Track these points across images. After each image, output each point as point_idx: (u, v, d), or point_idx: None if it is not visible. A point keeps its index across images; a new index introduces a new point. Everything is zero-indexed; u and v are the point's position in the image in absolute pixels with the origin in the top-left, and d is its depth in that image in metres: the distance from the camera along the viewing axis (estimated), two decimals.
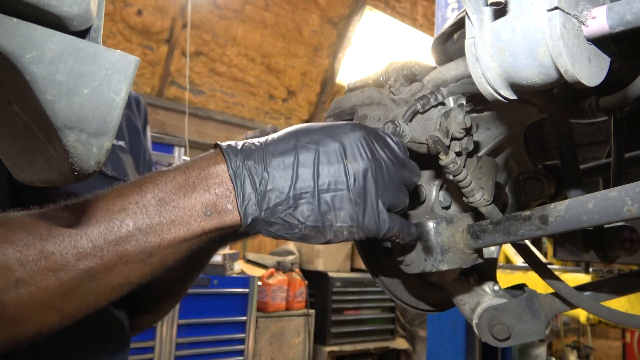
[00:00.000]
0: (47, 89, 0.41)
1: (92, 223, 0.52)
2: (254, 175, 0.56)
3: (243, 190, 0.56)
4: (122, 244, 0.52)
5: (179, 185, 0.56)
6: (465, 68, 0.67)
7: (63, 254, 0.50)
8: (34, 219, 0.51)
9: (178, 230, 0.54)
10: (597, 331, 5.77)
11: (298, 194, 0.57)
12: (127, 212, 0.53)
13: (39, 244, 0.49)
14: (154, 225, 0.54)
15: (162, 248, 0.54)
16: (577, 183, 0.73)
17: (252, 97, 5.46)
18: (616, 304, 1.73)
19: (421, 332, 5.32)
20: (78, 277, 0.51)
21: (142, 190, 0.55)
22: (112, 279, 0.53)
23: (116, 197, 0.54)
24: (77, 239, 0.51)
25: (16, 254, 0.48)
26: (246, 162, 0.56)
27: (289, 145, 0.58)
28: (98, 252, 0.51)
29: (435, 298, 0.94)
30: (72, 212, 0.52)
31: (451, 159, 0.63)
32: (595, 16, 0.45)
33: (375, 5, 5.67)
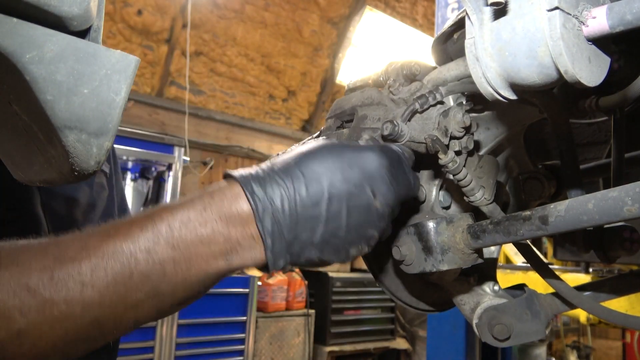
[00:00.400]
0: (47, 89, 0.41)
1: (98, 270, 0.47)
2: (280, 221, 0.53)
3: (272, 238, 0.53)
4: (133, 293, 0.49)
5: (194, 228, 0.51)
6: (465, 68, 0.67)
7: (69, 303, 0.46)
8: (35, 260, 0.47)
9: (193, 276, 0.51)
10: (597, 331, 5.77)
11: (327, 239, 0.55)
12: (137, 260, 0.49)
13: (42, 292, 0.45)
14: (167, 273, 0.50)
15: (175, 293, 0.51)
16: (577, 183, 0.73)
17: (252, 97, 5.46)
18: (616, 304, 1.73)
19: (421, 332, 5.33)
20: (85, 327, 0.47)
21: (153, 231, 0.50)
22: (120, 324, 0.50)
23: (124, 239, 0.49)
24: (84, 290, 0.46)
25: (18, 303, 0.44)
26: (273, 206, 0.53)
27: (318, 188, 0.55)
28: (107, 301, 0.47)
29: (435, 298, 0.94)
30: (75, 254, 0.48)
31: (450, 158, 0.63)
32: (595, 16, 0.45)
33: (375, 5, 5.67)
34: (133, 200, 4.07)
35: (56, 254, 0.47)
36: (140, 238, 0.49)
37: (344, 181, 0.56)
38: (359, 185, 0.56)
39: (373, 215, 0.57)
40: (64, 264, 0.47)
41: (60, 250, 0.48)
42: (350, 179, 0.56)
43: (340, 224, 0.55)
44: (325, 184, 0.55)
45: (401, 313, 5.51)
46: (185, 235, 0.51)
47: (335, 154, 0.58)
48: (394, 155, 0.61)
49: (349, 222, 0.56)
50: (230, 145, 5.34)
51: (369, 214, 0.57)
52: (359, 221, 0.57)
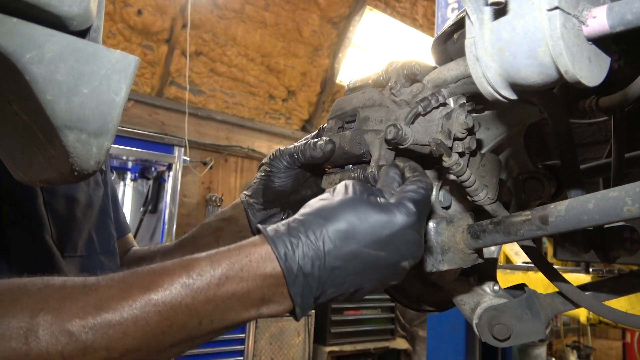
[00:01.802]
0: (47, 89, 0.41)
1: (140, 323, 0.49)
2: (310, 285, 0.55)
3: (301, 300, 0.55)
4: (169, 340, 0.52)
5: (231, 287, 0.54)
6: (465, 68, 0.67)
7: (109, 350, 0.47)
8: (76, 303, 0.48)
9: (225, 326, 0.56)
10: (597, 331, 5.77)
11: (353, 291, 0.58)
12: (176, 315, 0.51)
13: (83, 338, 0.47)
14: (203, 324, 0.54)
15: (206, 336, 0.56)
16: (577, 183, 0.73)
17: (252, 97, 5.46)
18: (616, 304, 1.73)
19: (421, 332, 5.32)
20: None
21: (194, 291, 0.52)
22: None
23: (166, 293, 0.51)
24: (125, 339, 0.48)
25: (59, 349, 0.45)
26: (303, 269, 0.54)
27: (347, 250, 0.56)
28: (144, 348, 0.50)
29: (435, 298, 0.94)
30: (116, 304, 0.49)
31: (454, 160, 0.63)
32: (595, 16, 0.45)
33: (375, 5, 5.67)
34: (133, 200, 4.07)
35: (96, 300, 0.49)
36: (181, 293, 0.52)
37: (373, 244, 0.56)
38: (389, 249, 0.57)
39: (399, 273, 0.59)
40: (106, 312, 0.48)
41: (100, 296, 0.49)
42: (379, 242, 0.57)
43: (365, 281, 0.57)
44: (353, 247, 0.56)
45: (401, 313, 5.51)
46: (223, 293, 0.53)
47: (365, 213, 0.57)
48: (424, 209, 0.61)
49: (375, 277, 0.58)
50: (230, 145, 5.34)
51: (396, 272, 0.59)
52: (384, 276, 0.59)
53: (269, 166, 0.88)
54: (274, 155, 0.87)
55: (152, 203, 3.86)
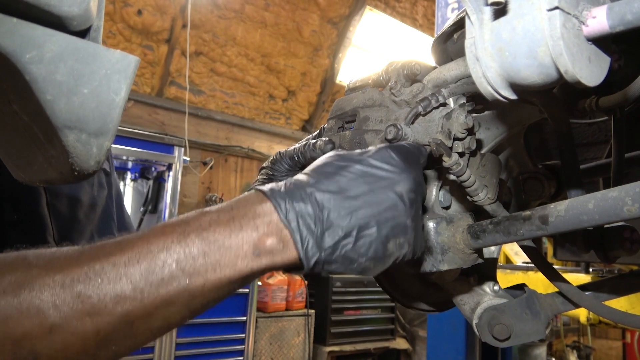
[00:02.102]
0: (47, 89, 0.40)
1: (132, 264, 0.48)
2: (305, 216, 0.53)
3: (300, 232, 0.53)
4: (164, 286, 0.49)
5: (223, 224, 0.53)
6: (465, 68, 0.67)
7: (101, 297, 0.47)
8: (70, 259, 0.48)
9: (224, 271, 0.52)
10: (597, 331, 5.77)
11: (358, 227, 0.54)
12: (169, 252, 0.50)
13: (76, 287, 0.46)
14: (198, 266, 0.50)
15: (206, 290, 0.51)
16: (577, 183, 0.73)
17: (252, 97, 5.46)
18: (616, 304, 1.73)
19: (421, 332, 5.32)
20: (116, 322, 0.47)
21: (185, 230, 0.52)
22: (152, 323, 0.50)
23: (157, 236, 0.51)
24: (116, 281, 0.47)
25: (52, 298, 0.45)
26: (295, 203, 0.53)
27: (340, 181, 0.56)
28: (138, 295, 0.48)
29: (435, 298, 0.94)
30: (110, 251, 0.49)
31: (454, 160, 0.63)
32: (595, 16, 0.45)
33: (375, 5, 5.67)
34: (133, 200, 4.07)
35: (91, 253, 0.49)
36: (172, 234, 0.51)
37: (361, 173, 0.56)
38: (375, 174, 0.57)
39: (399, 201, 0.57)
40: (98, 260, 0.48)
41: (95, 250, 0.49)
42: (365, 172, 0.57)
43: (365, 213, 0.55)
44: (343, 182, 0.56)
45: (401, 313, 5.51)
46: (215, 229, 0.52)
47: (345, 157, 0.59)
48: (403, 149, 0.61)
49: (375, 210, 0.55)
50: (230, 145, 5.34)
51: (393, 200, 0.56)
52: (385, 207, 0.56)
53: (270, 169, 0.88)
54: (275, 159, 0.87)
55: (152, 203, 3.86)
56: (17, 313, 0.44)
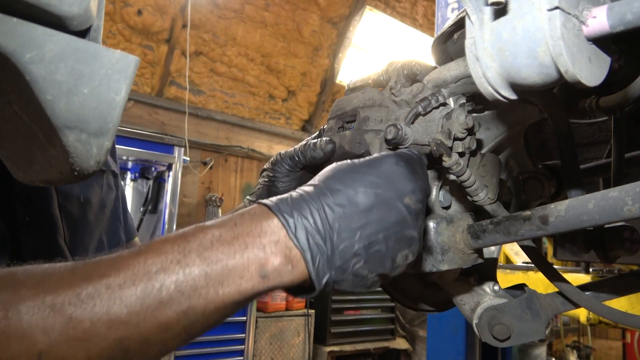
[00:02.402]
0: (47, 89, 0.40)
1: (127, 285, 0.45)
2: (315, 234, 0.51)
3: (310, 248, 0.50)
4: (162, 310, 0.45)
5: (227, 243, 0.49)
6: (465, 68, 0.67)
7: (93, 321, 0.43)
8: (62, 279, 0.45)
9: (227, 293, 0.48)
10: (597, 331, 5.77)
11: (367, 245, 0.53)
12: (167, 273, 0.46)
13: (67, 310, 0.43)
14: (198, 288, 0.47)
15: (207, 313, 0.48)
16: (577, 183, 0.73)
17: (252, 97, 5.46)
18: (616, 304, 1.73)
19: (421, 332, 5.32)
20: (109, 349, 0.44)
21: (185, 248, 0.48)
22: (148, 349, 0.46)
23: (154, 255, 0.47)
24: (110, 304, 0.44)
25: (41, 322, 0.42)
26: (304, 220, 0.51)
27: (349, 193, 0.54)
28: (134, 319, 0.44)
29: (435, 298, 0.94)
30: (105, 271, 0.46)
31: (454, 160, 0.63)
32: (595, 16, 0.45)
33: (375, 5, 5.67)
34: (133, 200, 4.07)
35: (84, 272, 0.46)
36: (171, 253, 0.48)
37: (370, 186, 0.55)
38: (384, 186, 0.55)
39: (407, 214, 0.55)
40: (91, 281, 0.45)
41: (88, 269, 0.46)
42: (374, 183, 0.55)
43: (376, 228, 0.53)
44: (351, 194, 0.54)
45: (401, 313, 5.51)
46: (217, 248, 0.49)
47: (353, 168, 0.57)
48: (408, 157, 0.60)
49: (384, 224, 0.54)
50: (230, 145, 5.34)
51: (402, 213, 0.55)
52: (394, 221, 0.55)
53: (272, 171, 0.87)
54: (276, 160, 0.87)
55: (152, 203, 3.86)
56: (3, 337, 0.41)
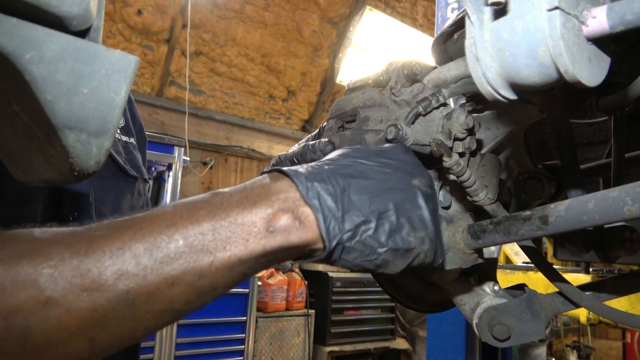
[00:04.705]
0: (47, 89, 0.40)
1: (137, 238, 0.45)
2: (326, 195, 0.50)
3: (322, 207, 0.50)
4: (169, 263, 0.45)
5: (236, 201, 0.50)
6: (465, 68, 0.67)
7: (101, 271, 0.43)
8: (75, 233, 0.46)
9: (234, 249, 0.48)
10: (597, 331, 5.77)
11: (378, 213, 0.52)
12: (176, 227, 0.47)
13: (76, 260, 0.43)
14: (206, 242, 0.47)
15: (214, 269, 0.47)
16: (577, 183, 0.73)
17: (252, 97, 5.46)
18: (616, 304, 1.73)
19: (421, 332, 5.32)
20: (115, 300, 0.44)
21: (195, 206, 0.49)
22: (154, 304, 0.46)
23: (166, 213, 0.48)
24: (118, 255, 0.44)
25: (49, 270, 0.42)
26: (316, 183, 0.51)
27: (359, 167, 0.54)
28: (141, 271, 0.44)
29: (435, 298, 0.94)
30: (117, 225, 0.47)
31: (455, 160, 0.63)
32: (595, 16, 0.45)
33: (375, 5, 5.67)
34: None
35: (97, 228, 0.47)
36: (181, 211, 0.48)
37: (381, 164, 0.55)
38: (395, 167, 0.56)
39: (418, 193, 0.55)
40: (102, 235, 0.46)
41: (101, 226, 0.47)
42: (385, 163, 0.56)
43: (386, 199, 0.53)
44: (362, 168, 0.54)
45: (401, 313, 5.51)
46: (227, 207, 0.49)
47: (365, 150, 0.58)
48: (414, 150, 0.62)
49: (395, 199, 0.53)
50: (230, 145, 5.34)
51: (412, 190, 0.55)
52: (405, 198, 0.54)
53: None
54: (276, 163, 0.86)
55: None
56: (11, 284, 0.41)
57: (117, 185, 1.02)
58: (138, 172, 1.07)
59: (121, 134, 1.07)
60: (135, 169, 1.06)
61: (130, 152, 1.07)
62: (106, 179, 0.99)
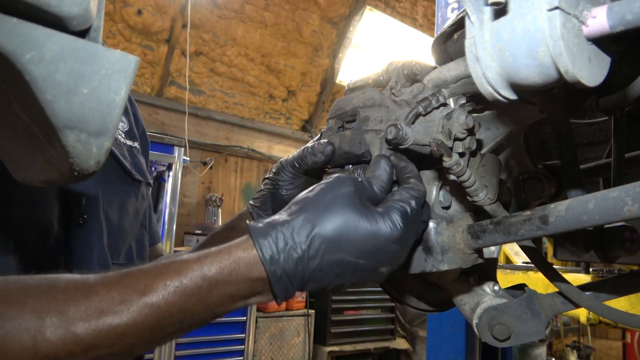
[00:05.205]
0: (47, 89, 0.40)
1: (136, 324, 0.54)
2: (292, 281, 0.58)
3: (284, 296, 0.59)
4: (164, 330, 0.56)
5: (222, 292, 0.58)
6: (465, 68, 0.67)
7: (110, 347, 0.53)
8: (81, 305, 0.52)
9: (215, 316, 0.60)
10: (597, 331, 5.77)
11: (333, 288, 0.61)
12: (171, 319, 0.56)
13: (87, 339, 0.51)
14: (197, 322, 0.58)
15: (196, 325, 0.59)
16: (577, 183, 0.73)
17: (252, 97, 5.46)
18: (616, 304, 1.73)
19: (421, 332, 5.32)
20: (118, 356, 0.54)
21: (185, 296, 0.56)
22: (148, 349, 0.60)
23: (159, 302, 0.55)
24: (124, 339, 0.53)
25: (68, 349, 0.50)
26: (287, 273, 0.57)
27: (332, 260, 0.59)
28: (142, 343, 0.55)
29: (435, 298, 0.94)
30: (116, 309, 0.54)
31: (455, 160, 0.63)
32: (595, 16, 0.45)
33: (375, 5, 5.67)
34: None
35: (97, 304, 0.53)
36: (174, 297, 0.55)
37: (356, 253, 0.59)
38: (369, 258, 0.60)
39: (377, 276, 0.62)
40: (107, 316, 0.52)
41: (101, 300, 0.53)
42: (362, 252, 0.59)
43: (344, 281, 0.60)
44: (337, 256, 0.58)
45: (401, 313, 5.50)
46: (213, 295, 0.57)
47: (354, 223, 0.59)
48: (411, 221, 0.62)
49: (354, 279, 0.61)
50: (230, 145, 5.34)
51: (374, 275, 0.61)
52: (363, 279, 0.62)
53: (274, 180, 0.87)
54: (278, 169, 0.86)
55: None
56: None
57: (124, 188, 1.03)
58: (142, 176, 1.09)
59: (125, 138, 1.09)
60: (139, 173, 1.07)
61: (135, 156, 1.08)
62: (113, 182, 1.00)
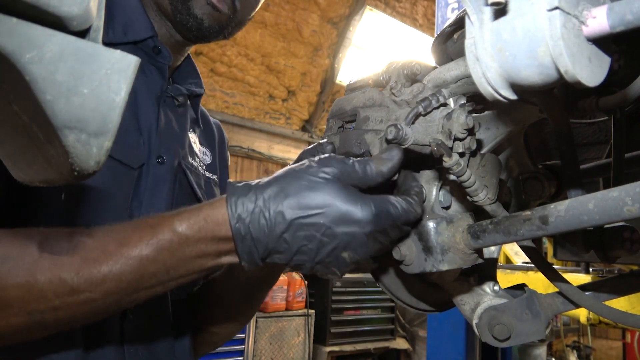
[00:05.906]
0: (47, 89, 0.40)
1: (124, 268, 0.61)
2: (257, 246, 0.61)
3: (248, 259, 0.62)
4: (143, 292, 0.64)
5: (191, 249, 0.63)
6: (465, 68, 0.67)
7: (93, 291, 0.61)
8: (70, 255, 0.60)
9: (191, 273, 0.65)
10: (597, 331, 5.78)
11: (296, 265, 0.64)
12: (147, 270, 0.62)
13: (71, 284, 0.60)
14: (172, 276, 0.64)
15: (179, 283, 0.66)
16: (577, 183, 0.73)
17: (252, 97, 5.46)
18: (616, 304, 1.73)
19: (421, 332, 5.33)
20: (105, 306, 0.63)
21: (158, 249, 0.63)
22: (133, 302, 0.66)
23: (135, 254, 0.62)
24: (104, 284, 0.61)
25: (54, 289, 0.59)
26: (252, 235, 0.60)
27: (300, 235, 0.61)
28: (124, 290, 0.63)
29: (435, 298, 0.94)
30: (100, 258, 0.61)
31: (455, 160, 0.63)
32: (595, 16, 0.45)
33: (375, 5, 5.67)
34: None
35: (83, 256, 0.61)
36: (147, 250, 0.62)
37: (324, 232, 0.61)
38: (334, 240, 0.61)
39: (340, 262, 0.63)
40: (89, 266, 0.61)
41: (86, 253, 0.61)
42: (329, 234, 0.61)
43: (307, 260, 0.62)
44: (304, 232, 0.61)
45: (401, 313, 5.51)
46: (184, 250, 0.63)
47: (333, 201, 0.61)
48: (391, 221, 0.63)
49: (316, 259, 0.62)
50: (230, 145, 5.32)
51: (337, 260, 0.63)
52: (325, 261, 0.63)
53: None
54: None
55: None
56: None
57: None
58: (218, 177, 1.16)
59: (205, 170, 1.14)
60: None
61: (211, 188, 1.13)
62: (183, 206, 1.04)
